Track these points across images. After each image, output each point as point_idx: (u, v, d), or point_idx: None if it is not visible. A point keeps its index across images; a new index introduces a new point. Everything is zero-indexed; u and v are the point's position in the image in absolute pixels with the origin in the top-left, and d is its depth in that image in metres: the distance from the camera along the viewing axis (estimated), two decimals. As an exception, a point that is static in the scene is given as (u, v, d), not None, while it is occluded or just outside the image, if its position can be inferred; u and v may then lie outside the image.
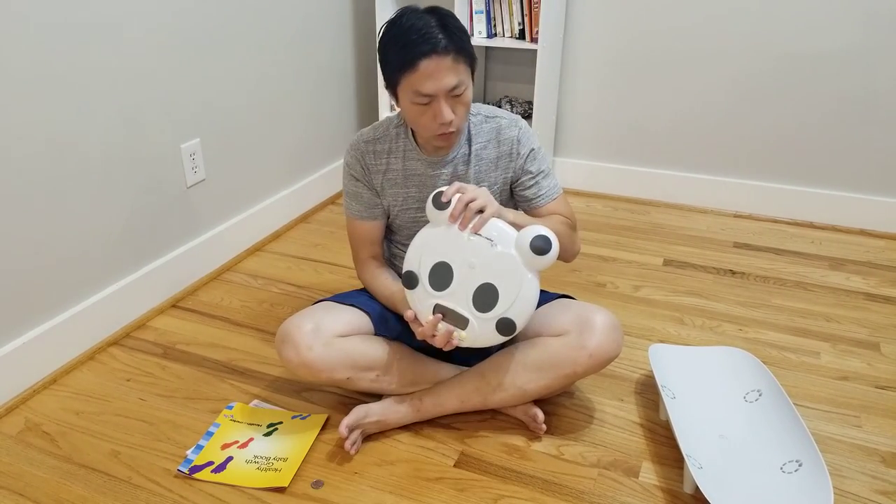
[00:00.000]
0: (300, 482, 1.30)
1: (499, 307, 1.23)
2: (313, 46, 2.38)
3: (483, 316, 1.24)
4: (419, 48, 1.19)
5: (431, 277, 1.26)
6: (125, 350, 1.72)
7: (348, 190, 1.45)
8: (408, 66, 1.20)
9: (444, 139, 1.30)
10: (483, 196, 1.24)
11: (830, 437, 1.43)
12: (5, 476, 1.31)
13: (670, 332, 1.81)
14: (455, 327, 1.26)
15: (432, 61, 1.20)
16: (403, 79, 1.23)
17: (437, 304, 1.26)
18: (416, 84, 1.21)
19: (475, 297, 1.24)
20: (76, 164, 1.58)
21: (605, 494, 1.28)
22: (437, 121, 1.25)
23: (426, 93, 1.22)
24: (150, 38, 1.71)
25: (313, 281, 2.06)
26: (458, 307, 1.25)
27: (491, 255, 1.22)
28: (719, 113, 2.47)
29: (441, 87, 1.22)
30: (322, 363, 1.32)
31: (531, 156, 1.41)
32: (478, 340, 1.27)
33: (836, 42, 2.24)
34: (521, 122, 1.42)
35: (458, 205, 1.23)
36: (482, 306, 1.24)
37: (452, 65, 1.21)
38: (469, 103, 1.29)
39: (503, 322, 1.23)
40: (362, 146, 1.41)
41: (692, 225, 2.46)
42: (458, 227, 1.24)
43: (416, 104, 1.25)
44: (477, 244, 1.23)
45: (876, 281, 2.08)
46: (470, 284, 1.24)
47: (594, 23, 2.51)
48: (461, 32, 1.24)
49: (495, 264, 1.22)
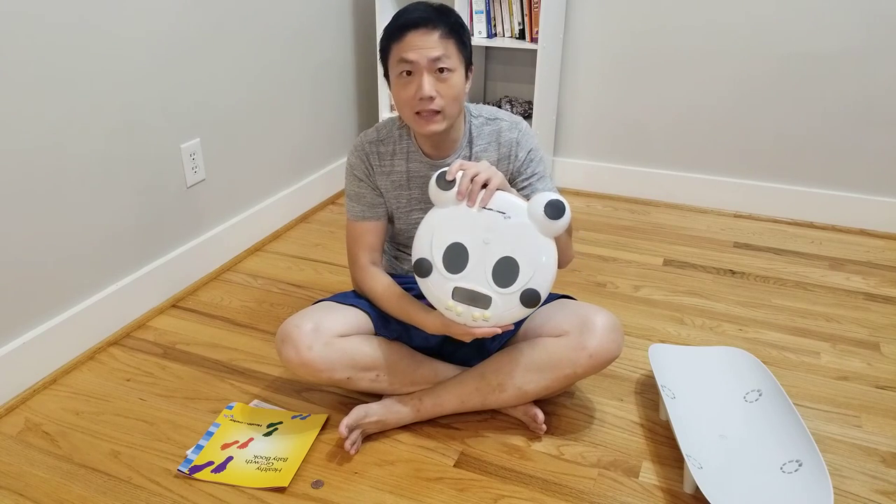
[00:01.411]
0: (300, 482, 1.30)
1: (520, 279, 1.20)
2: (313, 46, 2.38)
3: (506, 291, 1.21)
4: (409, 18, 1.24)
5: (446, 260, 1.22)
6: (125, 350, 1.72)
7: (350, 192, 1.44)
8: (396, 33, 1.25)
9: (425, 120, 1.27)
10: (486, 169, 1.22)
11: (830, 437, 1.43)
12: (5, 476, 1.31)
13: (670, 332, 1.81)
14: (478, 308, 1.22)
15: (419, 32, 1.23)
16: (392, 48, 1.26)
17: (455, 287, 1.22)
18: (402, 51, 1.24)
19: (495, 274, 1.21)
20: (76, 164, 1.58)
21: (606, 494, 1.28)
22: (417, 94, 1.25)
23: (409, 58, 1.23)
24: (150, 38, 1.71)
25: (313, 281, 2.06)
26: (478, 287, 1.21)
27: (505, 227, 1.20)
28: (719, 113, 2.47)
29: (423, 55, 1.23)
30: (322, 363, 1.32)
31: (528, 157, 1.40)
32: (503, 318, 1.22)
33: (836, 42, 2.24)
34: (521, 124, 1.41)
35: (464, 180, 1.21)
36: (504, 282, 1.21)
37: (439, 40, 1.24)
38: (457, 90, 1.27)
39: (527, 294, 1.20)
40: (367, 147, 1.41)
41: (692, 225, 2.46)
42: (467, 203, 1.21)
43: (399, 77, 1.27)
44: (489, 218, 1.20)
45: (876, 281, 2.08)
46: (488, 261, 1.21)
47: (594, 23, 2.51)
48: (458, 23, 1.28)
49: (511, 236, 1.20)
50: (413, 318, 1.33)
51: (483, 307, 1.22)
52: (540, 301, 1.21)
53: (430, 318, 1.30)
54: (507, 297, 1.21)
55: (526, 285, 1.20)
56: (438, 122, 1.28)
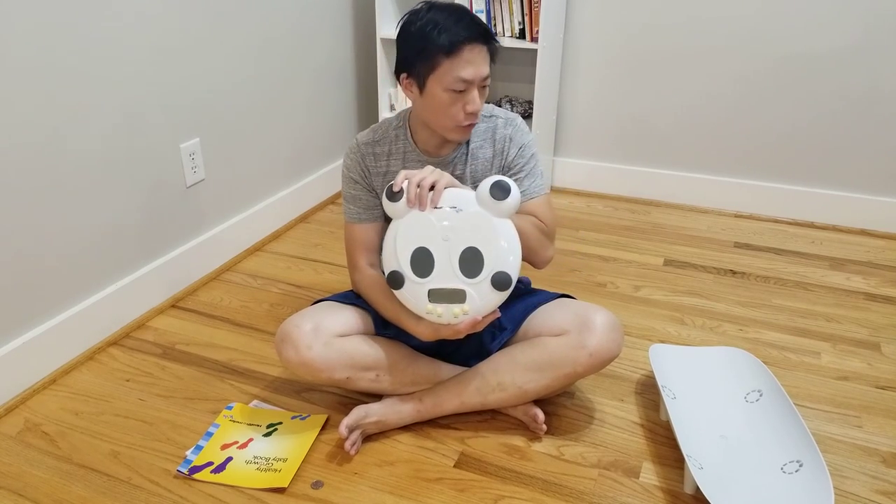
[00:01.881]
0: (300, 482, 1.30)
1: (487, 266, 1.22)
2: (313, 46, 2.38)
3: (476, 280, 1.23)
4: (464, 33, 1.23)
5: (414, 267, 1.25)
6: (125, 350, 1.71)
7: (347, 194, 1.44)
8: (454, 49, 1.23)
9: (465, 130, 1.32)
10: (431, 173, 1.24)
11: (831, 438, 1.43)
12: (5, 476, 1.31)
13: (670, 332, 1.81)
14: (455, 304, 1.24)
15: (476, 47, 1.24)
16: (444, 63, 1.24)
17: (429, 289, 1.24)
18: (459, 69, 1.24)
19: (462, 267, 1.23)
20: (76, 164, 1.58)
21: (606, 495, 1.28)
22: (467, 109, 1.27)
23: (466, 78, 1.24)
24: (150, 38, 1.71)
25: (313, 281, 2.06)
26: (450, 284, 1.24)
27: (460, 220, 1.22)
28: (720, 113, 2.47)
29: (479, 74, 1.25)
30: (322, 363, 1.32)
31: (519, 153, 1.40)
32: (482, 307, 1.24)
33: (836, 42, 2.24)
34: (516, 120, 1.42)
35: (410, 188, 1.23)
36: (472, 272, 1.22)
37: (487, 54, 1.27)
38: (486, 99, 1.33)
39: (497, 278, 1.22)
40: (362, 148, 1.41)
41: (692, 225, 2.46)
42: (418, 208, 1.24)
43: (450, 91, 1.26)
44: (443, 216, 1.23)
45: (876, 281, 2.07)
46: (452, 257, 1.23)
47: (594, 22, 2.50)
48: (489, 28, 1.30)
49: (468, 228, 1.22)
50: (406, 325, 1.34)
51: (460, 301, 1.24)
52: (511, 282, 1.23)
53: (421, 326, 1.30)
54: (479, 286, 1.23)
55: (494, 270, 1.22)
56: (472, 129, 1.34)
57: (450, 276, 1.23)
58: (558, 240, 2.32)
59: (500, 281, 1.22)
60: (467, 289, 1.23)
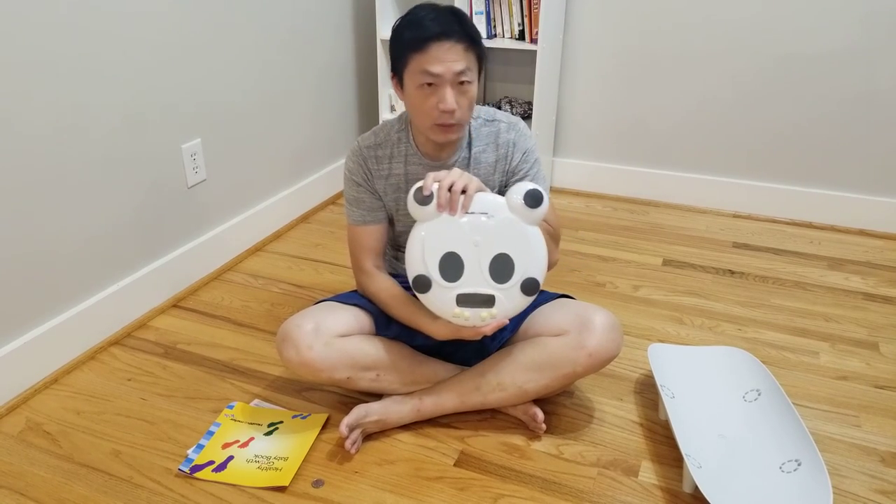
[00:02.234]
0: (301, 481, 1.30)
1: (517, 272, 1.24)
2: (314, 46, 2.39)
3: (506, 286, 1.25)
4: (433, 30, 1.22)
5: (442, 272, 1.25)
6: (126, 350, 1.72)
7: (349, 197, 1.44)
8: (419, 44, 1.23)
9: (444, 131, 1.29)
10: (460, 175, 1.24)
11: (829, 437, 1.44)
12: (6, 476, 1.32)
13: (669, 331, 1.81)
14: (483, 308, 1.26)
15: (444, 44, 1.22)
16: (413, 59, 1.24)
17: (458, 294, 1.25)
18: (425, 63, 1.23)
19: (492, 272, 1.25)
20: (77, 164, 1.58)
21: (605, 494, 1.29)
22: (439, 107, 1.25)
23: (434, 72, 1.23)
24: (152, 38, 1.72)
25: (314, 281, 2.06)
26: (479, 289, 1.25)
27: (491, 226, 1.23)
28: (719, 113, 2.48)
29: (449, 69, 1.23)
30: (322, 363, 1.32)
31: (524, 157, 1.41)
32: (509, 311, 1.27)
33: (836, 42, 2.24)
34: (519, 125, 1.42)
35: (441, 192, 1.23)
36: (502, 277, 1.25)
37: (463, 53, 1.24)
38: (473, 101, 1.30)
39: (527, 283, 1.25)
40: (364, 151, 1.41)
41: (691, 225, 2.46)
42: (449, 212, 1.24)
43: (421, 87, 1.25)
44: (474, 222, 1.24)
45: (875, 281, 2.08)
46: (483, 262, 1.24)
47: (594, 23, 2.51)
48: (475, 31, 1.28)
49: (498, 233, 1.24)
50: (421, 325, 1.34)
51: (488, 306, 1.26)
52: (539, 287, 1.26)
53: (438, 326, 1.31)
54: (509, 292, 1.25)
55: (524, 276, 1.25)
56: (456, 131, 1.31)
57: (479, 281, 1.25)
58: (558, 240, 2.32)
59: (530, 286, 1.25)
60: (497, 294, 1.25)
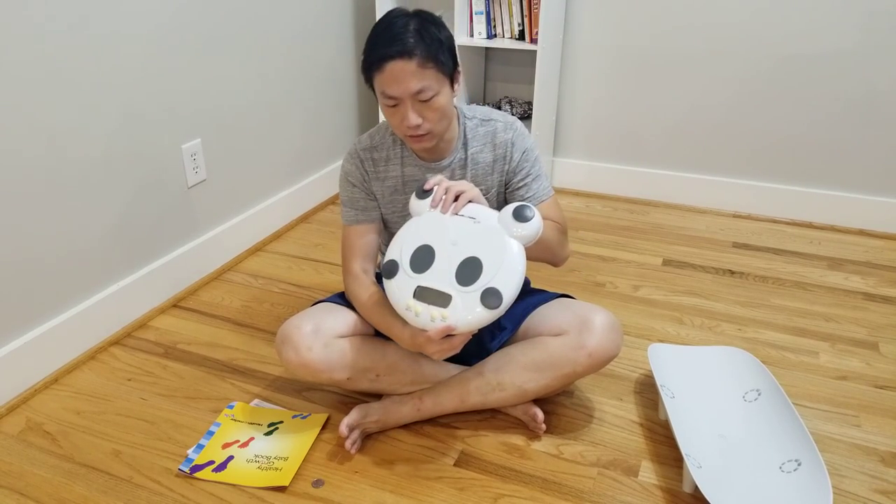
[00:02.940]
0: (301, 481, 1.30)
1: (483, 278, 1.18)
2: (314, 47, 2.39)
3: (467, 290, 1.18)
4: (386, 50, 1.21)
5: (412, 262, 1.23)
6: (126, 350, 1.72)
7: (344, 198, 1.44)
8: (375, 66, 1.23)
9: (415, 141, 1.30)
10: (463, 183, 1.26)
11: (829, 437, 1.44)
12: (7, 475, 1.32)
13: (669, 331, 1.81)
14: (436, 306, 1.19)
15: (397, 64, 1.20)
16: (374, 77, 1.25)
17: (417, 286, 1.21)
18: (383, 85, 1.23)
19: (458, 273, 1.20)
20: (77, 164, 1.58)
21: (605, 494, 1.29)
22: (403, 123, 1.26)
23: (391, 94, 1.23)
24: (151, 39, 1.72)
25: (313, 281, 2.06)
26: (439, 286, 1.20)
27: (474, 230, 1.22)
28: (718, 113, 2.48)
29: (404, 91, 1.22)
30: (322, 364, 1.32)
31: (524, 157, 1.40)
32: (462, 319, 1.17)
33: (836, 42, 2.24)
34: (516, 124, 1.42)
35: (439, 189, 1.25)
36: (466, 280, 1.19)
37: (417, 70, 1.21)
38: (443, 109, 1.27)
39: (488, 292, 1.16)
40: (361, 154, 1.41)
41: (691, 225, 2.47)
42: (441, 210, 1.24)
43: (385, 105, 1.27)
44: (459, 222, 1.23)
45: (875, 281, 2.08)
46: (453, 261, 1.21)
47: (594, 23, 2.51)
48: (436, 41, 1.23)
49: (478, 238, 1.21)
50: (390, 329, 1.31)
51: (442, 306, 1.19)
52: (501, 301, 1.16)
53: (405, 332, 1.26)
54: (468, 297, 1.18)
55: (487, 284, 1.17)
56: (428, 140, 1.30)
57: (443, 278, 1.21)
58: (558, 240, 2.32)
59: (491, 296, 1.16)
60: (455, 295, 1.18)
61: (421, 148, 1.33)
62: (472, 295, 1.18)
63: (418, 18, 1.24)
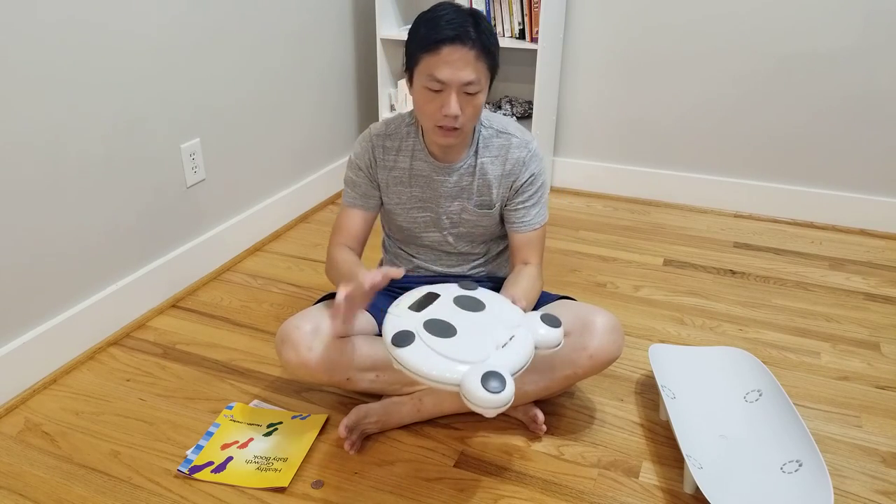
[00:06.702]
0: (300, 482, 1.30)
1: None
2: (314, 46, 2.38)
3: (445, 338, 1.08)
4: (447, 32, 1.20)
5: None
6: (125, 350, 1.71)
7: (348, 178, 1.45)
8: (431, 46, 1.21)
9: (444, 133, 1.28)
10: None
11: (830, 437, 1.43)
12: (5, 476, 1.31)
13: (670, 332, 1.81)
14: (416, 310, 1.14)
15: (456, 49, 1.20)
16: (423, 59, 1.22)
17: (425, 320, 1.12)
18: (434, 67, 1.21)
19: (456, 300, 1.18)
20: (76, 164, 1.58)
21: (606, 494, 1.28)
22: (442, 111, 1.24)
23: (441, 78, 1.21)
24: (151, 38, 1.71)
25: (313, 281, 2.06)
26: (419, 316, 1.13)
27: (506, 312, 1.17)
28: (719, 113, 2.47)
29: (456, 77, 1.21)
30: (321, 364, 1.32)
31: (530, 180, 1.40)
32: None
33: (836, 42, 2.24)
34: (532, 144, 1.40)
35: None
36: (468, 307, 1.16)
37: (474, 61, 1.21)
38: (479, 108, 1.28)
39: (432, 322, 1.10)
40: (374, 139, 1.41)
41: (692, 225, 2.46)
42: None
43: (427, 89, 1.24)
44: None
45: (876, 281, 2.08)
46: (467, 319, 1.13)
47: (594, 23, 2.51)
48: (493, 39, 1.25)
49: (504, 312, 1.16)
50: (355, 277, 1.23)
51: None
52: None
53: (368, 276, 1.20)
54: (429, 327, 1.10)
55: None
56: (456, 136, 1.29)
57: (446, 310, 1.14)
58: (559, 240, 2.32)
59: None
60: (418, 332, 1.07)
61: (446, 143, 1.31)
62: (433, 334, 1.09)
63: (473, 15, 1.24)
